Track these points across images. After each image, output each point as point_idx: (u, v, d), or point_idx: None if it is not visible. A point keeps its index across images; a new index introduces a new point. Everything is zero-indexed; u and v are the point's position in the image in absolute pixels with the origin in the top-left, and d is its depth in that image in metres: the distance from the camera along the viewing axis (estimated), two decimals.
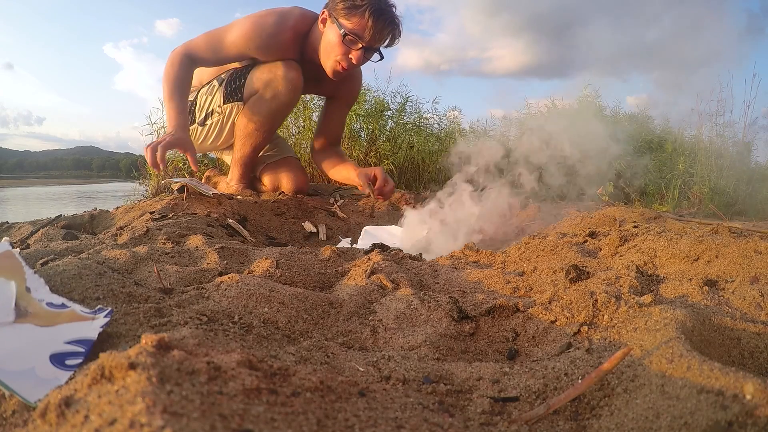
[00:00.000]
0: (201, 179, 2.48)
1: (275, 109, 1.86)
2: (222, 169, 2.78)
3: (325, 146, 2.19)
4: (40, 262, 0.77)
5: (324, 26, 1.77)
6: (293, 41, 1.82)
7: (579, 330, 0.56)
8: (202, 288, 0.70)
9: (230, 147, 2.10)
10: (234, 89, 1.93)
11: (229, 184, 2.13)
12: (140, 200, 2.74)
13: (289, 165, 2.17)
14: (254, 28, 1.76)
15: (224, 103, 1.96)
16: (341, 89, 2.07)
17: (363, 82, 4.34)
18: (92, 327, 0.50)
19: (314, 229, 1.67)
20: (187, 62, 1.77)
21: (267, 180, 2.15)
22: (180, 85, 1.74)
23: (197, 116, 2.06)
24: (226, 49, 1.79)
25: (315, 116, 4.05)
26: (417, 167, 4.29)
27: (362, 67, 2.03)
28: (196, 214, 1.42)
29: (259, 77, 1.85)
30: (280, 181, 2.12)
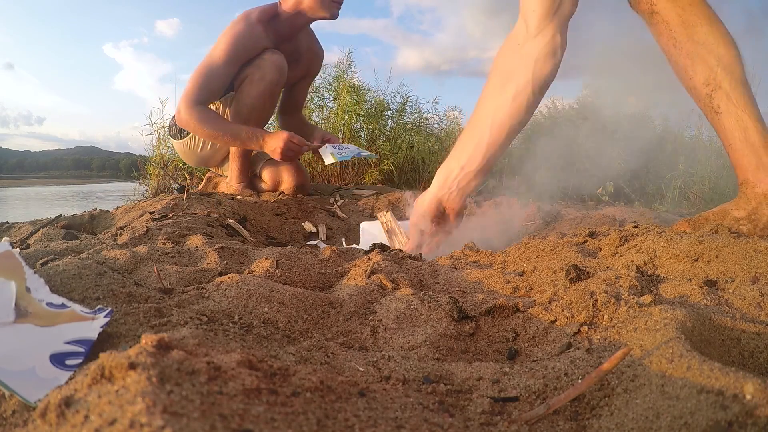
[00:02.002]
0: (201, 180, 2.49)
1: (263, 90, 1.95)
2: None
3: (291, 115, 2.42)
4: (40, 262, 0.77)
5: None
6: (264, 32, 1.99)
7: (579, 330, 0.56)
8: (202, 288, 0.70)
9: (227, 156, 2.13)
10: None
11: (229, 183, 2.14)
12: (140, 200, 2.74)
13: (290, 162, 2.20)
14: (232, 37, 1.92)
15: (217, 100, 2.00)
16: (311, 68, 2.30)
17: (363, 81, 4.32)
18: (92, 327, 0.50)
19: (314, 229, 1.67)
20: (199, 108, 1.85)
21: (267, 176, 2.18)
22: (218, 118, 1.87)
23: None
24: (220, 70, 1.90)
25: (315, 116, 4.05)
26: (417, 167, 4.29)
27: (362, 67, 2.11)
28: (196, 214, 1.42)
29: (245, 67, 1.97)
30: (281, 177, 2.14)
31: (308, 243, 1.57)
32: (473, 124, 0.98)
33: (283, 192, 2.07)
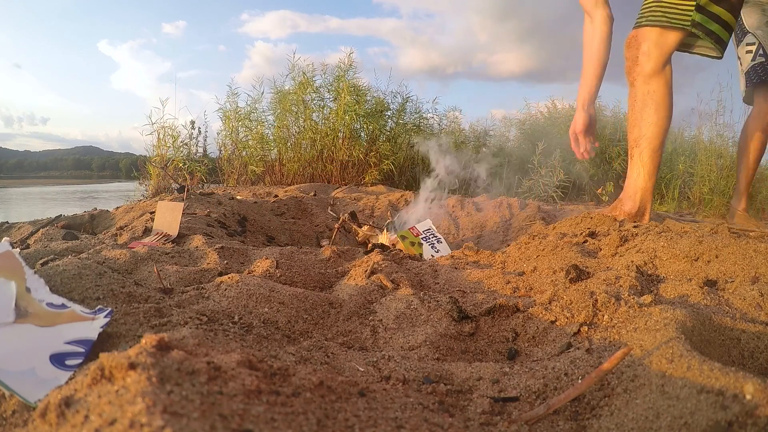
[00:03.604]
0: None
1: None
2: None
3: None
4: (40, 262, 0.77)
5: None
6: None
7: (579, 330, 0.56)
8: (202, 288, 0.70)
9: None
10: None
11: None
12: (140, 200, 2.74)
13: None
14: None
15: None
16: None
17: (364, 82, 4.30)
18: (92, 327, 0.50)
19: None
20: None
21: None
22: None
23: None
24: None
25: (315, 116, 4.05)
26: (417, 167, 4.29)
27: (368, 68, 1.89)
28: (196, 214, 1.42)
29: None
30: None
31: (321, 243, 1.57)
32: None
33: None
